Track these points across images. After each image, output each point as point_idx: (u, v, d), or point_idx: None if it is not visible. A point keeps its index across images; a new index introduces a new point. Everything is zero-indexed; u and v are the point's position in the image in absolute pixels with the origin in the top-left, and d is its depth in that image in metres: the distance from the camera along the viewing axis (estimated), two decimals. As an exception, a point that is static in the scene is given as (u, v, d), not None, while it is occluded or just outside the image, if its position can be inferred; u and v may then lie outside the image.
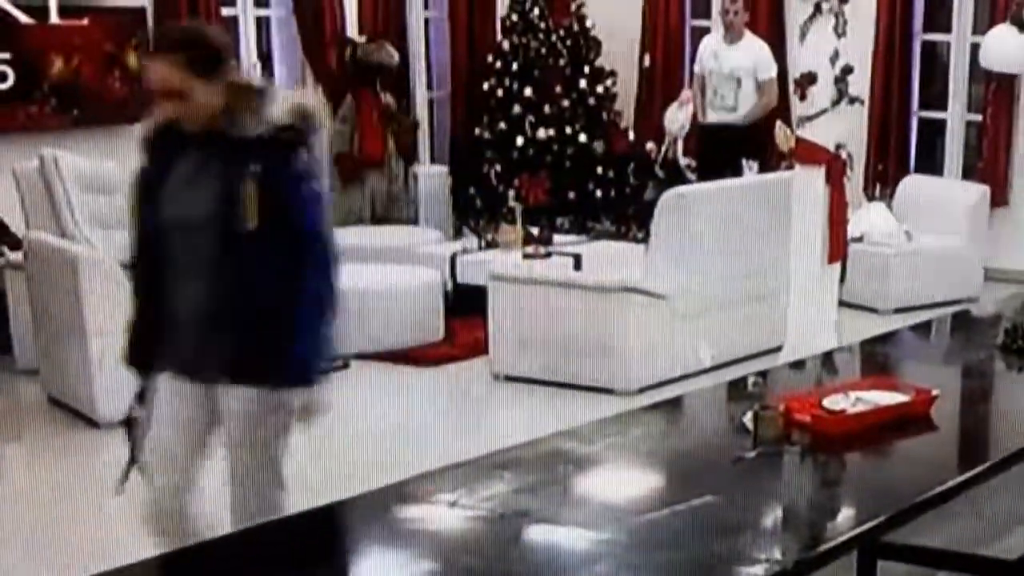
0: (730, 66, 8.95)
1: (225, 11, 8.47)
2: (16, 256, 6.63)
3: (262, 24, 9.03)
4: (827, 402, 3.39)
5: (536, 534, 2.68)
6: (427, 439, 5.82)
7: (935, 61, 10.05)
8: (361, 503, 2.84)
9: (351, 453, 5.57)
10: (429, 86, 9.94)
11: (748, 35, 9.06)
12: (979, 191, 8.96)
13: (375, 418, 6.13)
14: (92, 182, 6.90)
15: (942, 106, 9.85)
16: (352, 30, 9.15)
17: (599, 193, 9.47)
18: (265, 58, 9.04)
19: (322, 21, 8.89)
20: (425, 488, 2.90)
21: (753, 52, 8.98)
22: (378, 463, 4.97)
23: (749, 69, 8.94)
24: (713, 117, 9.07)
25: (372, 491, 2.89)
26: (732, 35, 8.98)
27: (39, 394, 6.40)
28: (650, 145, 9.80)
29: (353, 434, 5.88)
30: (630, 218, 9.41)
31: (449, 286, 7.61)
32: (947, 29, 9.72)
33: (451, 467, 3.05)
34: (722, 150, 8.86)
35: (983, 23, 9.38)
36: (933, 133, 9.94)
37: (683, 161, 9.56)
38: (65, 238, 6.50)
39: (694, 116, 9.27)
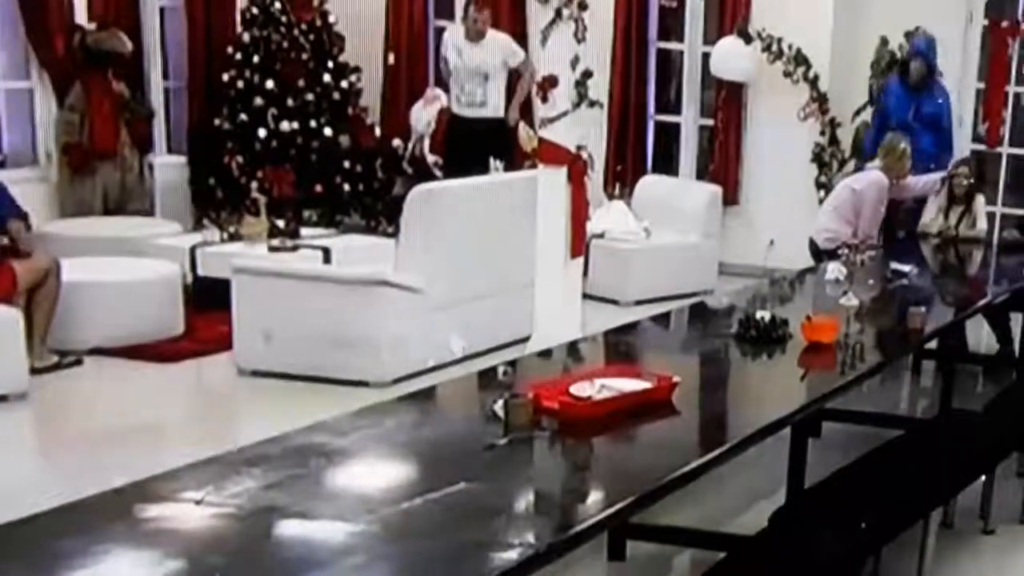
0: (475, 63, 9.02)
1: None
2: None
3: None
4: (574, 389, 3.43)
5: (287, 529, 2.61)
6: (169, 436, 5.65)
7: (670, 68, 10.42)
8: (100, 502, 2.68)
9: (87, 453, 5.35)
10: (165, 76, 9.67)
11: (489, 32, 9.16)
12: (712, 190, 9.33)
13: (112, 415, 5.90)
14: None
15: (677, 111, 10.22)
16: (81, 16, 8.80)
17: (347, 187, 9.42)
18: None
19: (46, 6, 8.50)
20: (168, 486, 2.77)
21: (498, 47, 9.09)
22: (116, 463, 4.75)
23: (497, 64, 9.05)
24: (463, 112, 9.13)
25: (111, 490, 2.74)
26: (476, 37, 9.05)
27: None
28: (397, 141, 9.82)
29: (88, 433, 5.67)
30: (379, 213, 9.41)
31: (189, 279, 7.39)
32: (680, 38, 10.10)
33: (196, 464, 2.92)
34: (471, 145, 8.93)
35: (712, 34, 9.79)
36: (669, 136, 10.30)
37: (430, 158, 9.61)
38: None
39: (445, 107, 9.33)
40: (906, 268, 5.96)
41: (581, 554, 2.82)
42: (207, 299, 7.17)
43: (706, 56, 9.74)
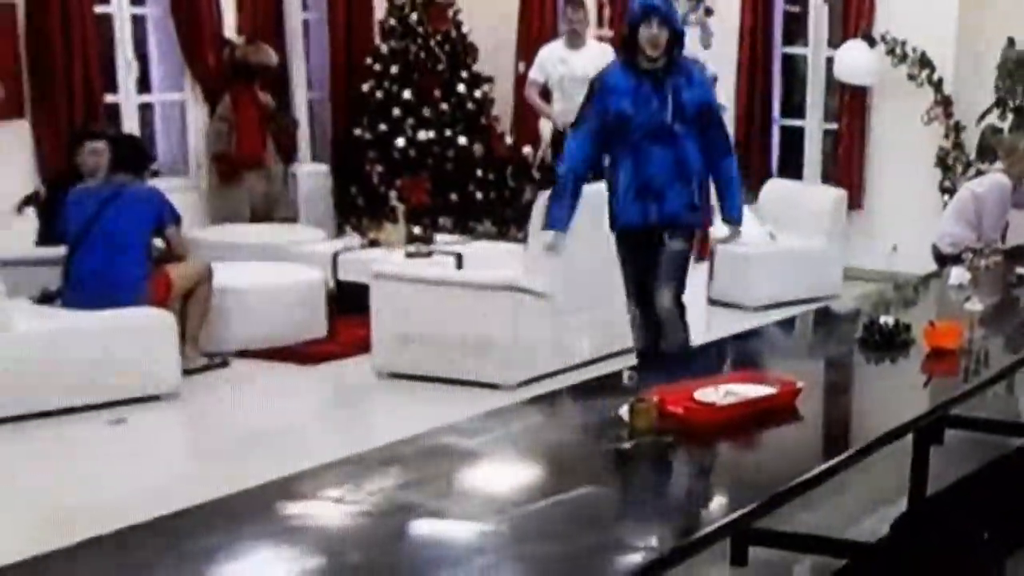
0: (583, 69, 8.85)
1: (99, 8, 8.18)
2: None
3: (138, 22, 8.74)
4: (698, 394, 3.40)
5: (421, 528, 2.64)
6: (310, 436, 5.72)
7: (794, 73, 10.26)
8: (244, 500, 2.75)
9: (232, 451, 5.47)
10: (309, 87, 9.75)
11: (591, 40, 9.09)
12: (836, 194, 9.16)
13: (257, 416, 6.01)
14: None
15: (802, 115, 10.05)
16: (230, 31, 8.96)
17: (479, 195, 9.44)
18: (142, 58, 8.79)
19: (199, 21, 8.66)
20: (309, 484, 2.83)
21: (600, 56, 8.95)
22: (260, 461, 4.83)
23: None
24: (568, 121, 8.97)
25: (255, 487, 2.80)
26: (577, 41, 8.96)
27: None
28: (527, 149, 9.80)
29: (234, 432, 5.78)
30: (510, 219, 9.41)
31: (332, 284, 7.49)
32: (805, 43, 9.94)
33: (335, 463, 2.98)
34: None
35: (837, 38, 9.62)
36: (794, 140, 10.14)
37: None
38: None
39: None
40: (1032, 273, 5.77)
41: (704, 559, 2.79)
42: (349, 303, 7.24)
43: (831, 60, 9.58)
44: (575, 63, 8.84)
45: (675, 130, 5.41)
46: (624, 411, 3.22)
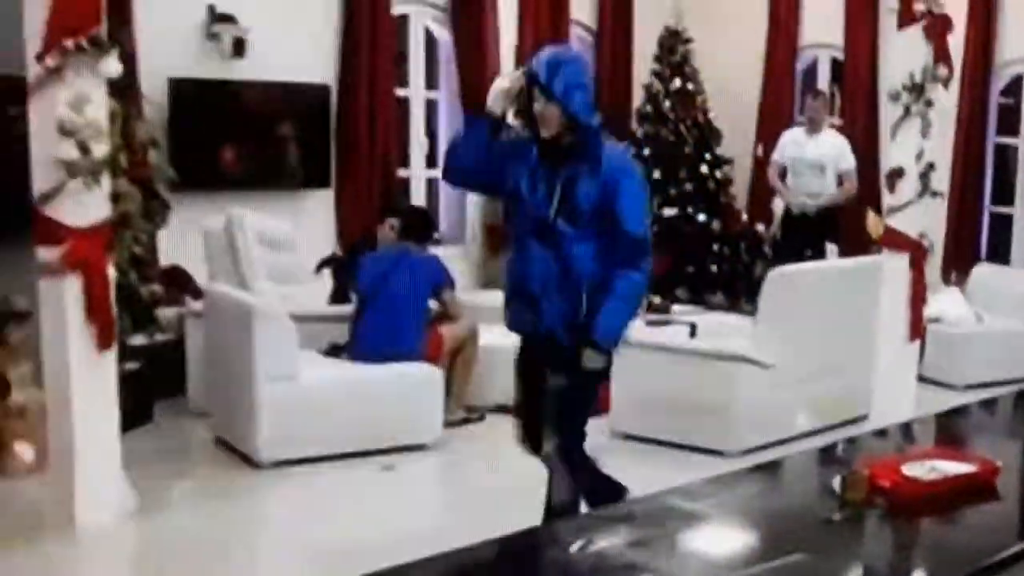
0: (815, 154, 8.72)
1: (399, 92, 8.58)
2: (196, 305, 6.56)
3: (431, 105, 9.09)
4: (906, 469, 3.30)
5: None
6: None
7: (1006, 162, 9.82)
8: (489, 549, 2.80)
9: (483, 502, 5.47)
10: (573, 166, 9.90)
11: (827, 129, 8.94)
12: (1042, 280, 8.66)
13: (504, 469, 5.88)
14: (270, 240, 6.83)
15: (1011, 202, 9.60)
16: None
17: (714, 268, 9.34)
18: (431, 136, 9.07)
19: (482, 105, 8.88)
20: (547, 537, 2.89)
21: (835, 143, 8.83)
22: (506, 512, 4.80)
23: (832, 158, 8.73)
24: (798, 202, 8.82)
25: (497, 538, 2.84)
26: (815, 128, 8.81)
27: (207, 434, 6.21)
28: (760, 226, 9.68)
29: (485, 484, 5.77)
30: (741, 292, 9.25)
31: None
32: (1017, 133, 9.50)
33: (571, 519, 3.07)
34: (806, 232, 8.66)
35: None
36: (1003, 226, 9.68)
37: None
38: (243, 290, 6.39)
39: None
40: None
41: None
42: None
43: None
44: (809, 148, 8.75)
45: (559, 228, 4.00)
46: (837, 482, 3.17)
